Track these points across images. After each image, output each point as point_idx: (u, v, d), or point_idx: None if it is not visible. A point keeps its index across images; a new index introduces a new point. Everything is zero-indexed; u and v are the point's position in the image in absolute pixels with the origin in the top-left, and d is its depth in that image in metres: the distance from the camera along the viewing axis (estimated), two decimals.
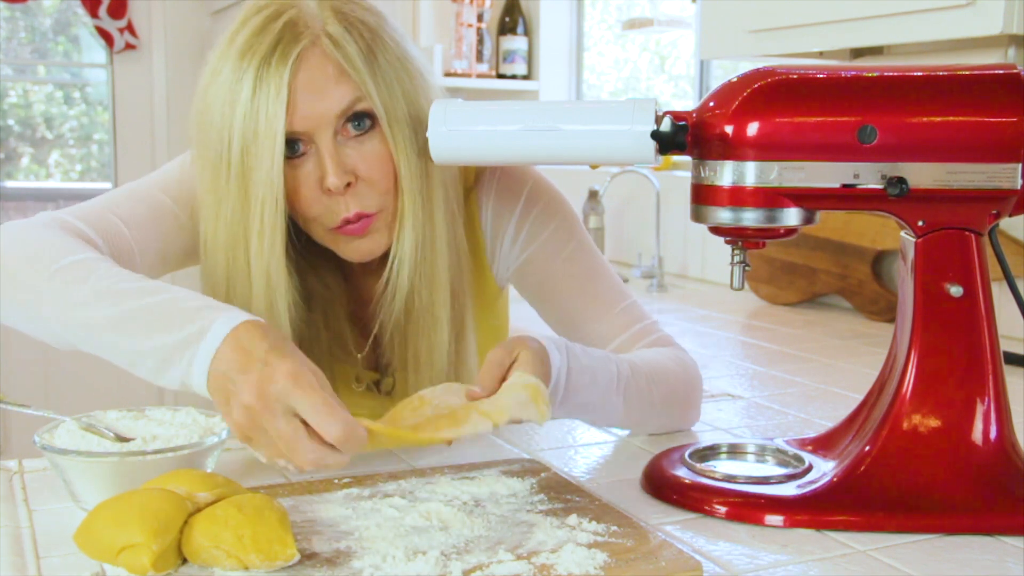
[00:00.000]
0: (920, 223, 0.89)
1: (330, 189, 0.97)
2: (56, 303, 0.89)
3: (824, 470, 0.94)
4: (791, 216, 0.90)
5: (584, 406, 1.00)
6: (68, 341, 0.91)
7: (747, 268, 0.95)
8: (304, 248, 1.06)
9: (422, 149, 1.00)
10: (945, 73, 0.89)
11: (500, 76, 3.25)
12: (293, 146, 0.98)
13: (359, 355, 1.15)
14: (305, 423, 0.79)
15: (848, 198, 0.89)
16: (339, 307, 1.13)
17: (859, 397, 0.99)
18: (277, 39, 0.95)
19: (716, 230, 0.93)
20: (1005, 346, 1.08)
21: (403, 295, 1.03)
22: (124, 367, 0.88)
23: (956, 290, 0.88)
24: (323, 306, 1.11)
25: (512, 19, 3.24)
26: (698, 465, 0.97)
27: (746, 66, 0.96)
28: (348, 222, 0.99)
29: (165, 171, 1.10)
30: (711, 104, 0.91)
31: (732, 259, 0.95)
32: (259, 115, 0.95)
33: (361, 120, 0.98)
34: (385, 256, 1.04)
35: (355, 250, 1.03)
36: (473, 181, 1.14)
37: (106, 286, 0.88)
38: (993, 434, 0.89)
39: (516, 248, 1.14)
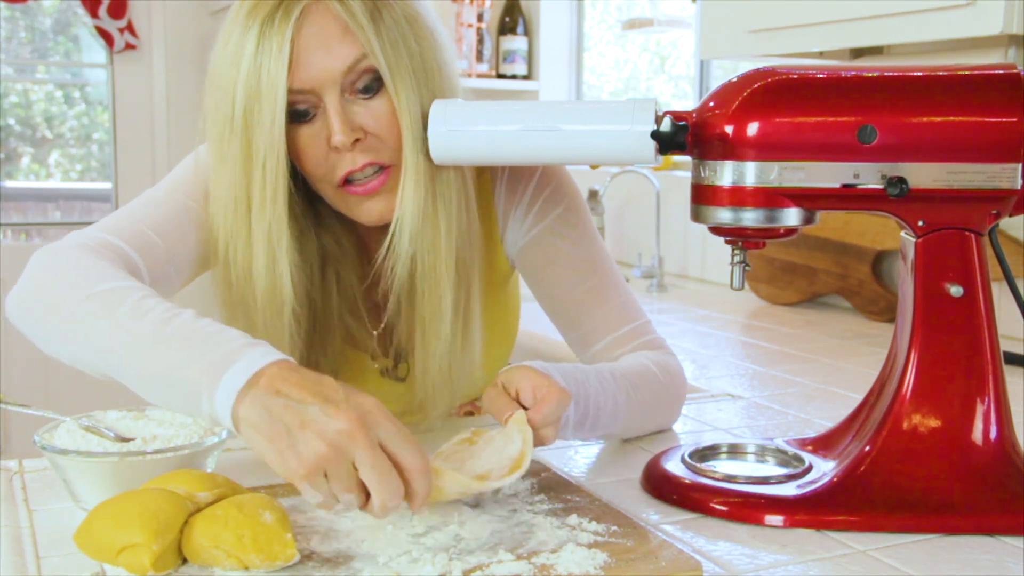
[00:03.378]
0: (920, 223, 0.89)
1: (337, 147, 0.97)
2: (90, 330, 0.88)
3: (824, 470, 0.94)
4: (791, 216, 0.90)
5: (579, 430, 1.00)
6: (101, 369, 0.89)
7: (747, 268, 0.95)
8: (319, 210, 1.06)
9: (427, 110, 0.99)
10: (945, 73, 0.89)
11: (500, 76, 3.25)
12: (302, 109, 0.97)
13: (375, 332, 1.15)
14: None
15: (848, 198, 0.89)
16: (352, 272, 1.12)
17: (859, 397, 0.99)
18: None
19: (716, 230, 0.93)
20: (1005, 346, 1.08)
21: (406, 258, 1.02)
22: (148, 396, 0.86)
23: (956, 290, 0.88)
24: (336, 267, 1.11)
25: (512, 19, 3.24)
26: (698, 465, 0.97)
27: (746, 66, 0.96)
28: (352, 175, 0.99)
29: (179, 172, 1.11)
30: (711, 104, 0.91)
31: (732, 259, 0.95)
32: (261, 72, 0.95)
33: (369, 81, 0.98)
34: None
35: (367, 212, 1.02)
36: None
37: (137, 316, 0.86)
38: (993, 434, 0.88)
39: (526, 224, 1.14)
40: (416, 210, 1.00)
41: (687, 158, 0.94)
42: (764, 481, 0.93)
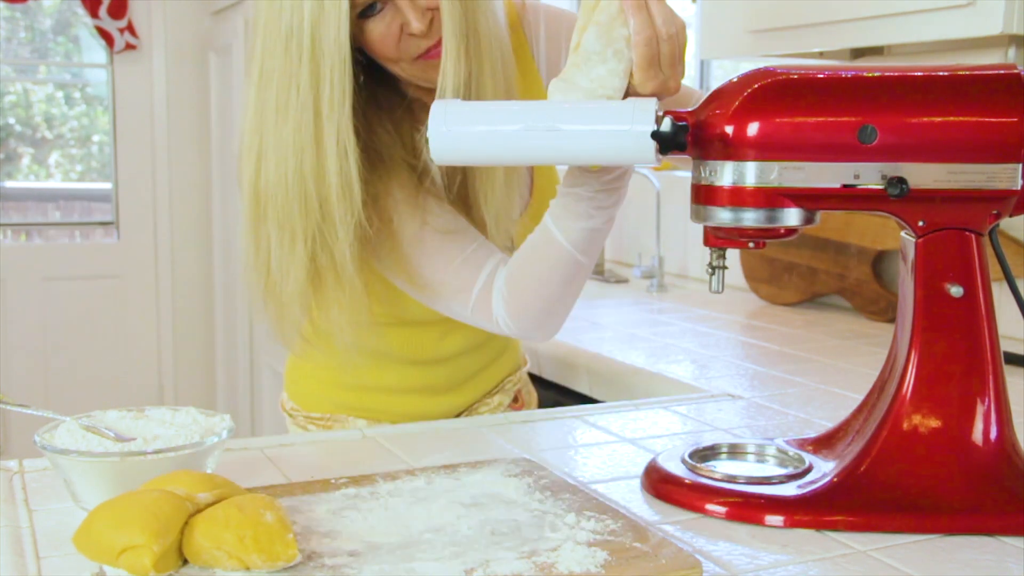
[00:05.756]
0: (920, 223, 0.89)
1: (414, 33, 1.04)
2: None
3: (824, 470, 0.94)
4: (791, 216, 0.90)
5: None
6: None
7: (726, 269, 0.95)
8: (371, 102, 1.12)
9: None
10: (945, 73, 0.89)
11: None
12: (372, 4, 1.04)
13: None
14: None
15: (848, 198, 0.89)
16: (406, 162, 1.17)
17: (859, 397, 0.99)
18: None
19: (716, 230, 0.93)
20: (1005, 346, 1.08)
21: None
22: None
23: (956, 290, 0.88)
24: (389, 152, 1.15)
25: None
26: (698, 465, 0.97)
27: (746, 66, 0.96)
28: (431, 49, 1.06)
29: None
30: (711, 104, 0.91)
31: (712, 262, 0.95)
32: None
33: None
34: None
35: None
36: (517, 19, 1.23)
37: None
38: (993, 434, 0.89)
39: None
40: (456, 82, 1.06)
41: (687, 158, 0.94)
42: (764, 481, 0.93)
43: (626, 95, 0.95)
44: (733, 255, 2.45)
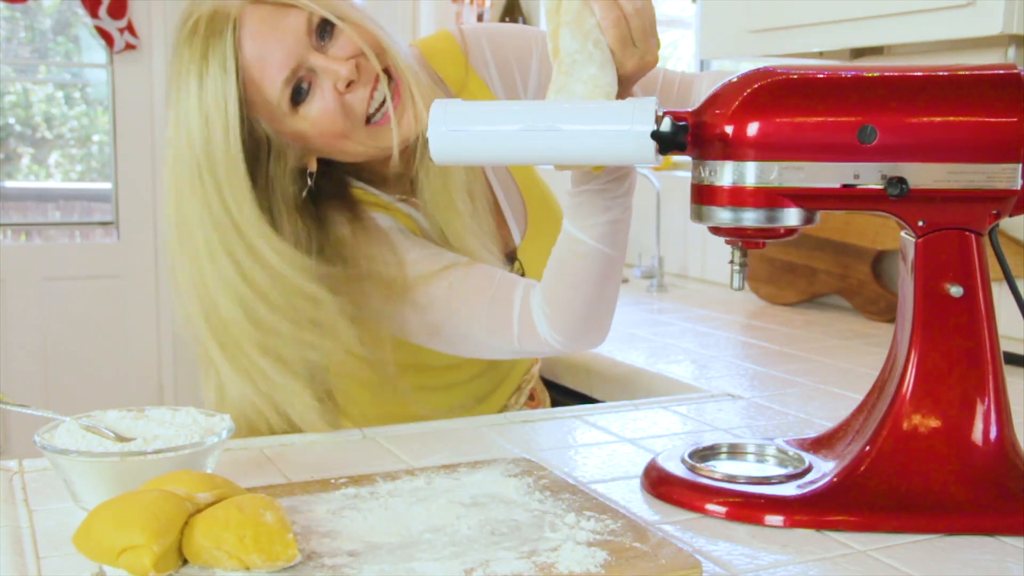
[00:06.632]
0: (920, 223, 0.89)
1: (347, 80, 1.04)
2: None
3: (824, 470, 0.94)
4: (791, 216, 0.90)
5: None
6: None
7: (746, 269, 0.95)
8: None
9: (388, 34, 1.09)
10: (945, 73, 0.89)
11: None
12: (299, 90, 1.05)
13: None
14: None
15: (848, 198, 0.89)
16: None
17: (859, 397, 0.99)
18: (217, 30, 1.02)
19: (716, 230, 0.93)
20: (1005, 346, 1.08)
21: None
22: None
23: (956, 290, 0.88)
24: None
25: (512, 19, 3.25)
26: (698, 465, 0.97)
27: (746, 66, 0.96)
28: (370, 109, 1.07)
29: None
30: (711, 104, 0.91)
31: (733, 259, 0.95)
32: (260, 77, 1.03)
33: (324, 27, 1.05)
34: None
35: (402, 131, 1.09)
36: (460, 53, 1.24)
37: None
38: (993, 434, 0.89)
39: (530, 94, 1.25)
40: (411, 127, 1.09)
41: (687, 158, 0.94)
42: (764, 481, 0.93)
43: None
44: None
